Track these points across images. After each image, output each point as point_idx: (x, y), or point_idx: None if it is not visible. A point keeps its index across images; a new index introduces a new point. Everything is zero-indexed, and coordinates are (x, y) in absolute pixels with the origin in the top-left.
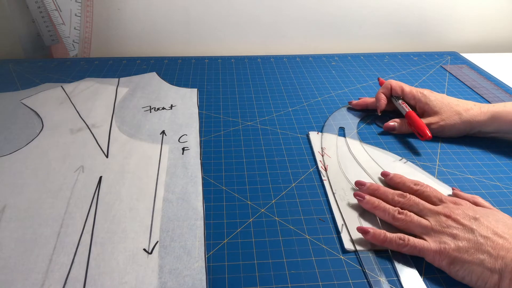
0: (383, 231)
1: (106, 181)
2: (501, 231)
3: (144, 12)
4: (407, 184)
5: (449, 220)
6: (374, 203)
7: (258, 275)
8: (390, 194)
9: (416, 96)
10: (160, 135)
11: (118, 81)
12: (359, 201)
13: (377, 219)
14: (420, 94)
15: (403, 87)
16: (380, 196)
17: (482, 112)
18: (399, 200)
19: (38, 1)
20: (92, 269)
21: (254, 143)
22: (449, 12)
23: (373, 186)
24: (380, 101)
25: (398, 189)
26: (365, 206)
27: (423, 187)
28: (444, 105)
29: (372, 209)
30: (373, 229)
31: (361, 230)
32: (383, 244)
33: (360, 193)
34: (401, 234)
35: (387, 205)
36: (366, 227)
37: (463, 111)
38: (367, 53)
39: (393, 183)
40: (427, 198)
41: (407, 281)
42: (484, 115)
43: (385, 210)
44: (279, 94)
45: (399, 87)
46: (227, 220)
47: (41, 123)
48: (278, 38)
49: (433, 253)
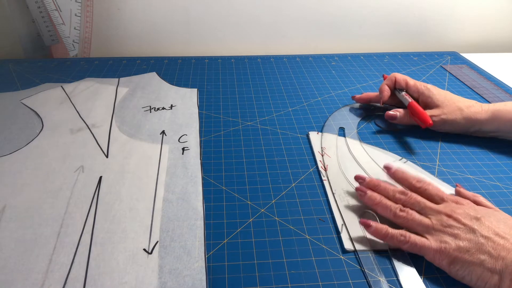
0: (386, 226)
1: (106, 181)
2: (502, 231)
3: (144, 12)
4: (410, 180)
5: (451, 219)
6: (375, 199)
7: (258, 275)
8: (391, 191)
9: (420, 89)
10: (160, 135)
11: (118, 81)
12: (360, 196)
13: (377, 219)
14: (424, 88)
15: (407, 80)
16: (381, 192)
17: (483, 110)
18: (400, 197)
19: (38, 1)
20: (92, 269)
21: (254, 143)
22: (449, 12)
23: (373, 181)
24: (383, 92)
25: (400, 184)
26: (367, 202)
27: (426, 184)
28: (447, 99)
29: (373, 205)
30: (375, 223)
31: (364, 223)
32: (384, 239)
33: (362, 188)
34: (403, 230)
35: (389, 202)
36: (368, 221)
37: (464, 107)
38: (367, 53)
39: (396, 177)
40: (429, 196)
41: (407, 281)
42: (485, 113)
43: (387, 207)
44: (279, 94)
45: (403, 80)
46: (227, 220)
47: (41, 123)
48: (278, 38)
49: (434, 252)
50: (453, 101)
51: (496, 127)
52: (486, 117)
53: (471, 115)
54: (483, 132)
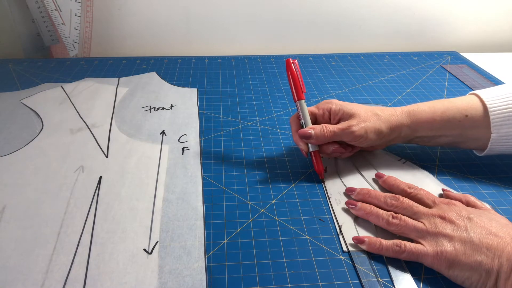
0: (379, 239)
1: (106, 181)
2: (495, 230)
3: (144, 12)
4: (401, 187)
5: (444, 221)
6: (366, 209)
7: (258, 275)
8: (382, 197)
9: (326, 108)
10: (160, 135)
11: (118, 81)
12: (351, 209)
13: (372, 223)
14: (327, 104)
15: (314, 113)
16: (372, 200)
17: (397, 111)
18: (392, 202)
19: (38, 1)
20: (92, 269)
21: (254, 143)
22: (449, 12)
23: (364, 190)
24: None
25: (392, 192)
26: (358, 214)
27: (417, 189)
28: (358, 106)
29: (365, 216)
30: (368, 238)
31: (357, 240)
32: (379, 252)
33: (352, 201)
34: (397, 240)
35: (380, 211)
36: (362, 237)
37: (378, 111)
38: (367, 53)
39: (387, 185)
40: (420, 200)
41: (405, 281)
42: (400, 114)
43: (378, 216)
44: (279, 94)
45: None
46: (227, 220)
47: (41, 123)
48: (278, 38)
49: (431, 257)
50: (364, 107)
51: (415, 129)
52: (403, 117)
53: (388, 118)
54: (404, 137)
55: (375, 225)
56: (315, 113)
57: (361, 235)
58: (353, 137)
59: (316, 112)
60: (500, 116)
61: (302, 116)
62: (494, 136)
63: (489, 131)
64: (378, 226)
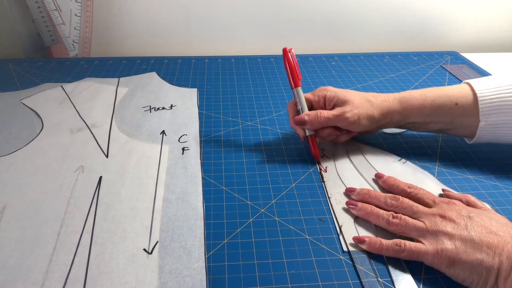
0: (379, 239)
1: (106, 181)
2: (495, 228)
3: (144, 12)
4: (401, 187)
5: (444, 220)
6: (366, 210)
7: (258, 275)
8: (382, 197)
9: (321, 95)
10: (160, 135)
11: (118, 81)
12: (352, 210)
13: (372, 223)
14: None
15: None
16: (372, 200)
17: (389, 97)
18: (391, 203)
19: (38, 1)
20: (92, 269)
21: (254, 143)
22: (449, 12)
23: (363, 190)
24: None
25: (392, 192)
26: (358, 214)
27: (417, 189)
28: (352, 93)
29: (365, 216)
30: (369, 237)
31: (357, 240)
32: (379, 252)
33: (352, 201)
34: (397, 239)
35: (380, 211)
36: (362, 237)
37: (371, 97)
38: (367, 53)
39: (387, 185)
40: (420, 200)
41: (405, 281)
42: (392, 100)
43: (379, 216)
44: (279, 94)
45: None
46: (227, 220)
47: (41, 123)
48: (278, 38)
49: (432, 256)
50: (358, 94)
51: (406, 115)
52: (394, 105)
53: (380, 104)
54: (396, 122)
55: (375, 225)
56: (311, 99)
57: (361, 235)
58: (346, 123)
59: (312, 99)
60: (488, 105)
61: (299, 102)
62: (483, 124)
63: (478, 119)
64: (378, 226)
